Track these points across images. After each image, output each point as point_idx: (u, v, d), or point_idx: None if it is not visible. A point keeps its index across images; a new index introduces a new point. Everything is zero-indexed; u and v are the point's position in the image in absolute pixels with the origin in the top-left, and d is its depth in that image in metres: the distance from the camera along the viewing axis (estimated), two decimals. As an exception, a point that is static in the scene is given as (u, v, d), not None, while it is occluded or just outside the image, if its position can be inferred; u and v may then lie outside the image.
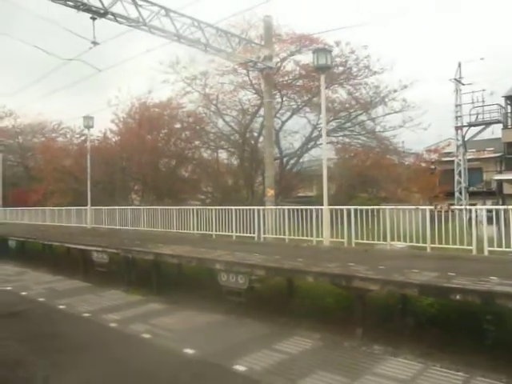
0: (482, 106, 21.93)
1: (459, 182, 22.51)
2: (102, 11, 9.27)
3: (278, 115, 21.66)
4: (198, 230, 13.58)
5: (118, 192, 20.30)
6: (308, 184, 25.65)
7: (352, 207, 10.14)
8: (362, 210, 9.95)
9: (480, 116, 22.06)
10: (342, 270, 7.40)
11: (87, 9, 9.01)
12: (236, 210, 12.46)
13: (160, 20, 10.61)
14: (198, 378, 5.38)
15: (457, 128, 22.60)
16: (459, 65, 22.35)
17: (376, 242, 9.90)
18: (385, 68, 19.49)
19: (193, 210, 13.97)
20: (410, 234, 9.52)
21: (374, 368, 5.56)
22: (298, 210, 11.28)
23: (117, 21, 9.82)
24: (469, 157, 25.50)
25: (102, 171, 19.38)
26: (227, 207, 13.09)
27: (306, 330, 7.10)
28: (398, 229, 9.74)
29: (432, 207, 9.59)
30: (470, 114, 22.14)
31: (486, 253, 8.23)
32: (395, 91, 19.57)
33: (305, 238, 10.82)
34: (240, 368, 5.49)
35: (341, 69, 20.50)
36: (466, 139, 22.82)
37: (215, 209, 13.25)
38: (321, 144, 23.22)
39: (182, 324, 7.75)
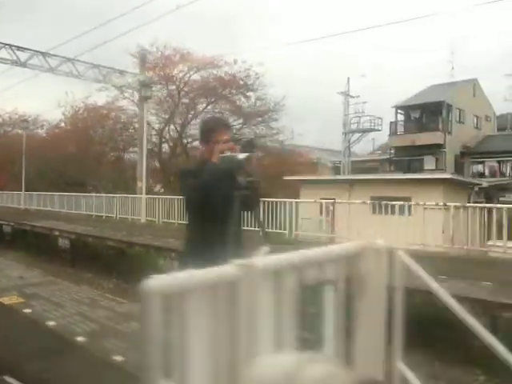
0: (360, 117, 26.04)
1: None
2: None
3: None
4: (95, 212, 17.86)
5: (50, 180, 24.84)
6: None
7: (160, 197, 14.46)
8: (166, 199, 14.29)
9: (363, 124, 26.13)
10: (101, 233, 11.77)
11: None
12: (117, 197, 16.79)
13: (38, 59, 14.93)
14: None
15: (344, 134, 26.64)
16: (348, 80, 26.33)
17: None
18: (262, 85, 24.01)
19: (92, 196, 18.35)
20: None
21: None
22: (135, 198, 15.65)
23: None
24: (367, 158, 29.57)
25: (34, 164, 24.02)
26: (113, 195, 17.44)
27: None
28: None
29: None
30: (350, 123, 26.30)
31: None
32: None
33: (137, 217, 15.16)
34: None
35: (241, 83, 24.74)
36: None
37: (106, 196, 17.64)
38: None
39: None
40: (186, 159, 25.46)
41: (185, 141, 27.03)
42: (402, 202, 9.64)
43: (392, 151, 28.41)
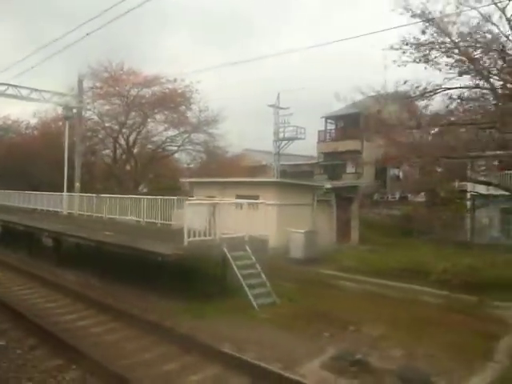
0: (285, 127, 29.78)
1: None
2: None
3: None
4: (39, 206, 21.93)
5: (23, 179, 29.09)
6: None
7: (79, 194, 18.50)
8: (83, 196, 18.30)
9: (288, 133, 29.91)
10: (22, 220, 15.84)
11: None
12: (53, 195, 20.85)
13: (-12, 85, 19.20)
14: None
15: (274, 141, 30.41)
16: (278, 95, 30.05)
17: (97, 214, 17.97)
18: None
19: (32, 193, 22.47)
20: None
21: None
22: (65, 195, 19.70)
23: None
24: (300, 162, 33.34)
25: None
26: (51, 193, 21.51)
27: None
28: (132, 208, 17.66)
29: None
30: (276, 132, 30.10)
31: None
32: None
33: (70, 211, 19.15)
34: None
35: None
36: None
37: (39, 193, 21.76)
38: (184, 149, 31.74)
39: None
40: (134, 164, 29.70)
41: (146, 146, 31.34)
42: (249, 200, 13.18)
43: (322, 157, 32.01)
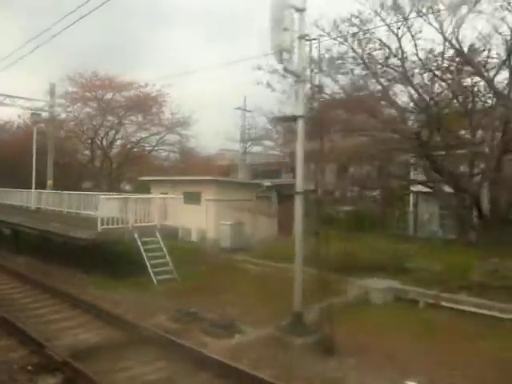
0: (248, 128, 32.03)
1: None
2: None
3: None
4: (14, 202, 24.22)
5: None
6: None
7: (46, 191, 20.69)
8: (51, 193, 20.49)
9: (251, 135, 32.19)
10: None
11: None
12: (28, 191, 23.04)
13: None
14: None
15: (240, 141, 32.64)
16: (244, 98, 32.29)
17: (59, 208, 20.15)
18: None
19: (9, 190, 24.68)
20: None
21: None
22: (33, 192, 21.91)
23: None
24: (272, 160, 35.48)
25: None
26: (24, 190, 23.72)
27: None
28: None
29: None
30: (243, 133, 32.26)
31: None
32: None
33: (39, 206, 21.30)
34: None
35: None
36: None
37: (14, 190, 23.97)
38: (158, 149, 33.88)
39: None
40: (110, 163, 31.98)
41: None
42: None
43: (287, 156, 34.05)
